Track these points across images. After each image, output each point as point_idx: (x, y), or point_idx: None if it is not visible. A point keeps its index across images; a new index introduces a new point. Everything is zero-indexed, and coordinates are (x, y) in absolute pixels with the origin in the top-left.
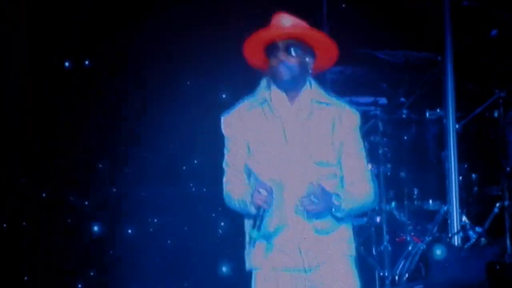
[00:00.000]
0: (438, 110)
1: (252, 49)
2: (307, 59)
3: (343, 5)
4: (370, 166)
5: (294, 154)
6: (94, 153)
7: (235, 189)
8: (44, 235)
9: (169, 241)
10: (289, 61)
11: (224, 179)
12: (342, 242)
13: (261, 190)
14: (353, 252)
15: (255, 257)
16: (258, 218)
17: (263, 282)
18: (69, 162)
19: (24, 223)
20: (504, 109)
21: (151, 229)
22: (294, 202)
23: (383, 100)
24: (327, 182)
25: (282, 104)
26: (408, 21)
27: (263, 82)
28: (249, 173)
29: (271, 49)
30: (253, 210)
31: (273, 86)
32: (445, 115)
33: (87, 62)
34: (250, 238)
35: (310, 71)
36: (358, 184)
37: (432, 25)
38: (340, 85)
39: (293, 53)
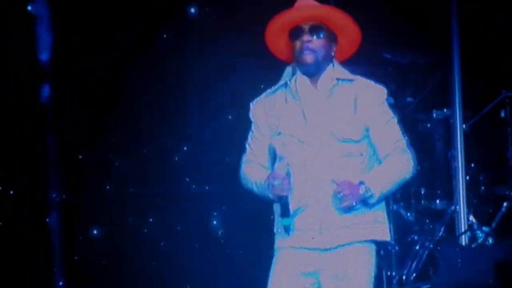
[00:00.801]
0: (444, 110)
1: (275, 32)
2: (331, 43)
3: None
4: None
5: (315, 133)
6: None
7: (254, 172)
8: (41, 235)
9: (162, 243)
10: (313, 44)
11: (244, 157)
12: (366, 225)
13: (274, 182)
14: (379, 235)
15: (279, 239)
16: (282, 206)
17: (278, 259)
18: (60, 159)
19: (24, 223)
20: (511, 109)
21: (145, 230)
22: (317, 181)
23: (390, 100)
24: (351, 160)
25: (303, 86)
26: (415, 21)
27: (288, 69)
28: (274, 154)
29: (295, 32)
30: (272, 197)
31: (297, 71)
32: (452, 115)
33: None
34: (283, 226)
35: (332, 55)
36: (393, 156)
37: (439, 25)
38: None
39: (317, 35)
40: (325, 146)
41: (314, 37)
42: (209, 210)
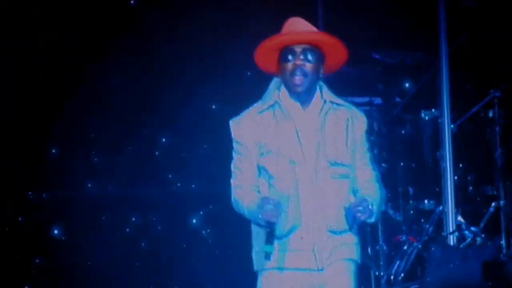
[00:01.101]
0: (433, 110)
1: (266, 51)
2: (320, 64)
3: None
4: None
5: (309, 155)
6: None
7: (245, 196)
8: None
9: (143, 244)
10: (306, 67)
11: (233, 182)
12: (352, 245)
13: (267, 206)
14: (359, 258)
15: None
16: (269, 232)
17: (268, 283)
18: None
19: (22, 223)
20: (499, 109)
21: (127, 229)
22: (309, 203)
23: (378, 100)
24: (340, 182)
25: (294, 107)
26: (404, 21)
27: (273, 85)
28: (259, 170)
29: (286, 53)
30: (263, 222)
31: (283, 88)
32: (440, 115)
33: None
34: (264, 252)
35: (321, 77)
36: (370, 184)
37: (427, 25)
38: (335, 85)
39: (310, 58)
40: (318, 168)
41: (306, 60)
42: (195, 210)
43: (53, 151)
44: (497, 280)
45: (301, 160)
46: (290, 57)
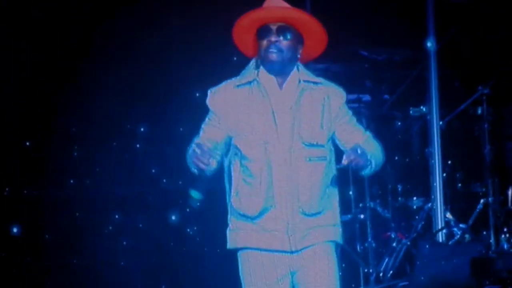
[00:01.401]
0: (421, 107)
1: (243, 30)
2: (297, 44)
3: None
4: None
5: (284, 135)
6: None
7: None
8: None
9: (124, 243)
10: (281, 43)
11: (195, 139)
12: (329, 227)
13: (196, 149)
14: (338, 237)
15: (240, 237)
16: (197, 179)
17: (248, 263)
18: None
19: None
20: (487, 106)
21: (110, 227)
22: (283, 183)
23: (366, 97)
24: (315, 164)
25: (271, 86)
26: (391, 18)
27: (252, 64)
28: (232, 149)
29: (262, 31)
30: (195, 170)
31: (262, 68)
32: (429, 112)
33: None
34: (190, 195)
35: (298, 57)
36: (366, 144)
37: (416, 22)
38: None
39: (285, 36)
40: (292, 149)
41: (281, 37)
42: (183, 207)
43: (42, 149)
44: (486, 277)
45: (275, 140)
46: (265, 34)
